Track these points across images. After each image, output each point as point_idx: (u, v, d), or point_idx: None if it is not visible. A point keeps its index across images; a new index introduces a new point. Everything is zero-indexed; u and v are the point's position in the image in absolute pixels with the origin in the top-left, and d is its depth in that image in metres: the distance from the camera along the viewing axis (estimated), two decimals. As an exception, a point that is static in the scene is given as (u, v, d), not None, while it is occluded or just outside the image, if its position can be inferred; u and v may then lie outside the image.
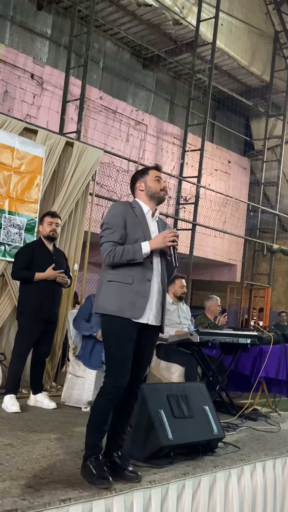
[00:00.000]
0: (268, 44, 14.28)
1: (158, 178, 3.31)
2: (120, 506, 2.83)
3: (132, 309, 3.05)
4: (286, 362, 5.58)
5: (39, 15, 10.85)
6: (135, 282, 3.08)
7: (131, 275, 3.08)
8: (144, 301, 3.08)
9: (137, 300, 3.06)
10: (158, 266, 3.21)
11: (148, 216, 3.27)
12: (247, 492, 3.61)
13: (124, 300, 3.05)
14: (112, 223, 3.14)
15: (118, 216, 3.16)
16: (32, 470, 3.07)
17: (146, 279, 3.11)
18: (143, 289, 3.09)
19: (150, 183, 3.29)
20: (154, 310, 3.16)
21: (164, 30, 12.05)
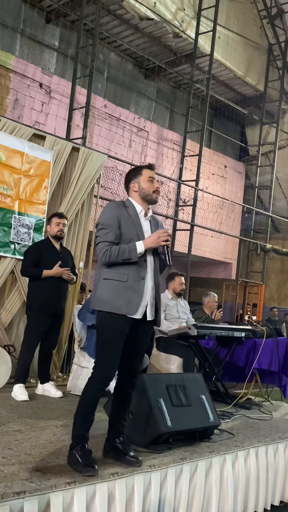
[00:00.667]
0: (263, 56, 14.27)
1: (151, 178, 3.22)
2: (122, 489, 2.84)
3: (127, 305, 3.01)
4: (278, 354, 5.58)
5: (48, 28, 10.84)
6: (130, 280, 3.04)
7: (126, 273, 3.04)
8: (138, 298, 3.04)
9: (132, 297, 3.02)
10: (151, 264, 3.15)
11: (141, 215, 3.19)
12: (241, 476, 3.61)
13: (120, 297, 3.01)
14: (107, 223, 3.09)
15: (112, 217, 3.10)
16: (40, 454, 3.07)
17: (141, 277, 3.07)
18: (138, 286, 3.05)
19: (143, 184, 3.20)
20: (149, 305, 3.11)
21: (164, 42, 12.05)
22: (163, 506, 3.05)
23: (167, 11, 11.36)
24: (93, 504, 2.71)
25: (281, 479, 4.02)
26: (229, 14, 13.00)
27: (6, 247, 5.61)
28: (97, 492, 2.72)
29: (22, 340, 5.04)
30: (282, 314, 13.46)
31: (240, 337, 5.34)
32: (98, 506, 2.71)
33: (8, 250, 5.62)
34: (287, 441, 4.13)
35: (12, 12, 10.16)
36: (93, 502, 2.71)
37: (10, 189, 5.66)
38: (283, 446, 4.08)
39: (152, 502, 2.98)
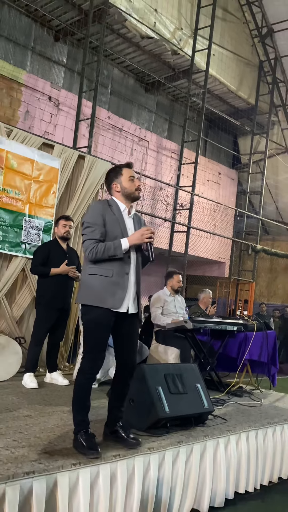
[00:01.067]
0: (254, 72, 14.27)
1: (132, 177, 3.12)
2: (123, 470, 2.83)
3: (112, 299, 2.94)
4: (267, 346, 5.58)
5: (56, 46, 10.85)
6: (115, 275, 2.97)
7: (111, 269, 2.97)
8: (123, 292, 2.98)
9: (117, 292, 2.96)
10: (134, 260, 3.08)
11: (124, 213, 3.11)
12: (233, 458, 3.61)
13: (105, 292, 2.94)
14: (93, 222, 3.00)
15: (97, 215, 3.01)
16: (48, 438, 3.07)
17: (125, 272, 3.01)
18: (122, 281, 2.99)
19: (125, 184, 3.11)
20: (131, 299, 3.06)
21: (163, 59, 12.05)
22: (161, 485, 3.05)
23: (166, 30, 11.36)
24: (97, 483, 2.70)
25: (270, 461, 4.02)
26: (223, 34, 12.99)
27: (18, 247, 5.61)
28: (100, 473, 2.72)
29: (31, 333, 5.04)
30: (270, 309, 13.48)
31: (233, 331, 5.34)
32: (102, 486, 2.70)
33: (19, 249, 5.62)
34: (275, 426, 4.13)
35: (23, 31, 10.17)
36: (97, 481, 2.71)
37: (21, 194, 5.66)
38: (271, 430, 4.08)
39: (151, 482, 2.98)
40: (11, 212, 5.56)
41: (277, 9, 13.41)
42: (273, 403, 5.07)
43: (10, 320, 5.55)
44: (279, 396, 5.49)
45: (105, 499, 2.69)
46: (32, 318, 5.60)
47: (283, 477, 4.18)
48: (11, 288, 5.59)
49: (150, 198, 11.40)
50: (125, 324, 3.07)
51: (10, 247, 5.54)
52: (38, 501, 2.40)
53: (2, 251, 5.48)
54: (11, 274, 5.53)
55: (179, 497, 3.17)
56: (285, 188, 15.55)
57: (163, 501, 3.05)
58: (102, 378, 4.95)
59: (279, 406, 4.89)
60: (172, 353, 5.36)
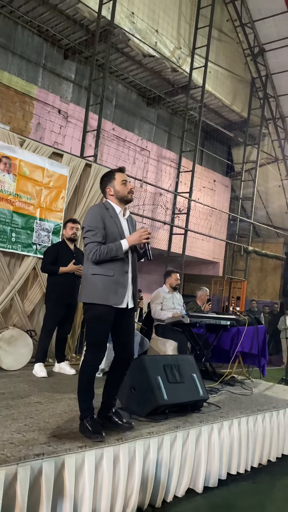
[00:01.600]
0: (246, 88, 14.26)
1: (124, 181, 3.08)
2: (125, 452, 2.83)
3: (114, 297, 2.93)
4: (258, 339, 5.58)
5: (65, 63, 10.85)
6: (116, 274, 2.95)
7: (112, 269, 2.94)
8: (124, 290, 2.97)
9: (118, 289, 2.94)
10: (131, 259, 3.05)
11: (120, 215, 3.08)
12: (226, 442, 3.61)
13: (108, 290, 2.92)
14: (94, 225, 2.96)
15: (97, 219, 2.97)
16: (56, 423, 3.07)
17: (124, 271, 2.99)
18: (123, 279, 2.97)
19: (118, 188, 3.07)
20: (130, 295, 3.04)
21: (164, 76, 12.05)
22: (160, 467, 3.05)
23: (166, 50, 11.36)
24: (101, 465, 2.70)
25: (260, 445, 4.02)
26: (218, 53, 12.99)
27: (29, 247, 5.61)
28: (104, 455, 2.72)
29: (41, 326, 5.04)
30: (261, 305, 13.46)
31: (226, 325, 5.34)
32: (105, 467, 2.70)
33: (31, 250, 5.62)
34: (265, 413, 4.13)
35: (35, 49, 10.17)
36: (101, 463, 2.71)
37: (33, 199, 5.66)
38: (261, 417, 4.08)
39: (151, 464, 2.98)
40: (23, 215, 5.56)
41: (268, 30, 13.42)
42: (262, 391, 5.07)
43: (22, 314, 5.54)
44: (268, 385, 5.49)
45: (109, 479, 2.69)
46: (42, 312, 5.60)
47: (272, 460, 4.19)
48: (23, 285, 5.59)
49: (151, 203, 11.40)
50: (124, 319, 3.06)
51: (22, 248, 5.54)
52: (47, 481, 2.40)
53: (15, 251, 5.48)
54: (23, 272, 5.53)
55: (176, 477, 3.17)
56: (274, 194, 15.55)
57: (162, 481, 3.05)
58: (106, 368, 4.94)
59: (268, 395, 4.89)
60: (171, 345, 5.36)
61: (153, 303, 5.63)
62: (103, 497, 2.67)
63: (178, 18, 11.74)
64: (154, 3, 10.99)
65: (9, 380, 4.34)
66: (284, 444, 4.39)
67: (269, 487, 3.74)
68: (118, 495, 2.75)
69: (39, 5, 9.49)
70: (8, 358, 4.84)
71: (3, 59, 9.55)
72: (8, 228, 5.40)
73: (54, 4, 9.53)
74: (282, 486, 3.77)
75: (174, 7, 11.59)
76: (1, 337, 4.84)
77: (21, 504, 2.26)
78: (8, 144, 5.40)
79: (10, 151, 5.40)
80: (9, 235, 5.40)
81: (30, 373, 4.71)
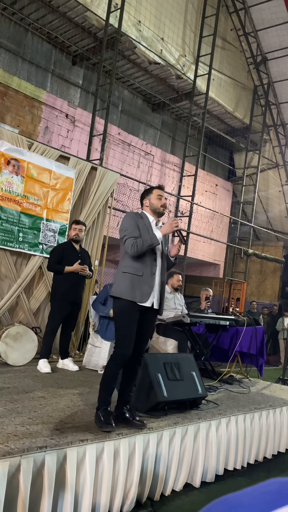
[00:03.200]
0: (249, 95, 14.26)
1: (160, 196, 3.28)
2: (125, 447, 2.84)
3: (141, 295, 3.06)
4: (256, 340, 5.58)
5: (73, 69, 10.87)
6: (144, 274, 3.09)
7: (141, 269, 3.09)
8: (150, 290, 3.09)
9: (145, 289, 3.07)
10: (160, 264, 3.21)
11: (153, 224, 3.25)
12: (223, 438, 3.62)
13: (135, 288, 3.06)
14: (129, 225, 3.14)
15: (132, 222, 3.16)
16: (59, 417, 3.08)
17: (152, 273, 3.13)
18: (150, 280, 3.10)
19: (153, 201, 3.27)
20: (156, 296, 3.17)
21: (168, 82, 12.06)
22: (159, 461, 3.06)
23: (171, 57, 11.37)
24: (102, 458, 2.72)
25: (256, 442, 4.02)
26: (222, 61, 13.00)
27: (36, 247, 5.63)
28: (105, 449, 2.73)
29: (46, 323, 5.06)
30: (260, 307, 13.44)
31: (225, 325, 5.34)
32: (106, 460, 2.72)
33: (37, 249, 5.64)
34: (261, 411, 4.13)
35: (44, 55, 10.21)
36: (102, 456, 2.72)
37: (40, 200, 5.68)
38: (258, 415, 4.08)
39: (150, 458, 2.99)
40: (31, 216, 5.58)
41: (270, 40, 13.43)
42: (260, 390, 5.07)
43: (27, 311, 5.57)
44: (266, 385, 5.49)
45: (109, 472, 2.70)
46: (47, 310, 5.62)
47: (268, 457, 4.19)
48: (29, 283, 5.61)
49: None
50: (147, 317, 3.17)
51: (29, 247, 5.57)
52: (50, 473, 2.41)
53: (22, 250, 5.50)
54: (29, 271, 5.55)
55: (174, 472, 3.18)
56: (275, 199, 15.53)
57: (160, 476, 3.06)
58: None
59: (266, 394, 4.89)
60: (171, 344, 5.37)
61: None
62: (103, 490, 2.68)
63: (183, 27, 11.75)
64: (161, 12, 11.01)
65: (14, 375, 4.36)
66: (280, 442, 4.39)
67: (264, 483, 3.73)
68: (117, 488, 2.77)
69: (49, 12, 9.52)
70: (14, 353, 4.86)
71: (13, 65, 9.58)
72: (16, 228, 5.42)
73: (64, 12, 9.56)
74: (277, 483, 3.77)
75: (179, 16, 11.61)
76: (7, 333, 4.86)
77: (24, 494, 2.27)
78: (17, 147, 5.42)
79: (18, 154, 5.42)
80: (16, 235, 5.43)
81: (35, 368, 4.73)
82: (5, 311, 5.35)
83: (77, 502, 2.55)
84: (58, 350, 5.21)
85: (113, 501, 2.75)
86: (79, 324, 6.04)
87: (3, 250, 5.33)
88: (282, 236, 15.34)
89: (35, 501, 2.36)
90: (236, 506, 0.42)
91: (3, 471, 2.22)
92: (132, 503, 2.84)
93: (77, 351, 6.14)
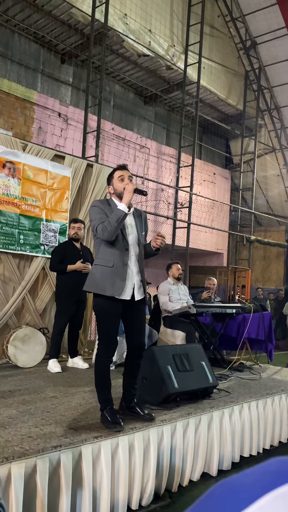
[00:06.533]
0: (241, 81, 14.17)
1: (122, 177, 3.04)
2: (140, 440, 2.85)
3: (112, 288, 2.91)
4: (264, 325, 5.57)
5: (63, 67, 10.82)
6: (115, 265, 2.93)
7: (111, 260, 2.94)
8: (122, 282, 2.93)
9: (116, 281, 2.92)
10: (136, 252, 3.04)
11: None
12: (237, 426, 3.62)
13: (105, 281, 2.92)
14: (97, 213, 2.98)
15: (98, 209, 2.99)
16: (72, 415, 3.09)
17: (123, 263, 2.96)
18: (122, 272, 2.95)
19: (115, 185, 3.05)
20: (136, 288, 3.01)
21: (159, 74, 12.00)
22: (174, 453, 3.06)
23: (160, 48, 11.30)
24: (117, 453, 2.72)
25: (270, 427, 4.02)
26: (211, 48, 12.90)
27: (37, 248, 5.63)
28: (119, 444, 2.74)
29: (53, 323, 5.07)
30: (266, 293, 13.44)
31: (232, 313, 5.33)
32: (121, 455, 2.72)
33: (39, 250, 5.64)
34: (274, 396, 4.13)
35: (33, 55, 10.16)
36: (117, 452, 2.72)
37: (38, 201, 5.67)
38: (270, 400, 4.08)
39: (165, 450, 2.99)
40: (30, 217, 5.58)
41: (258, 23, 13.32)
42: (271, 376, 5.07)
43: (34, 313, 5.58)
44: (276, 370, 5.49)
45: (125, 467, 2.71)
46: (53, 310, 5.63)
47: (283, 441, 4.19)
48: (33, 285, 5.61)
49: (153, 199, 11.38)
50: (133, 310, 3.06)
51: (30, 249, 5.57)
52: (66, 471, 2.42)
53: (24, 252, 5.50)
54: (32, 272, 5.56)
55: (190, 462, 3.18)
56: (274, 184, 15.48)
57: (177, 467, 3.06)
58: (118, 361, 4.97)
59: (277, 378, 4.89)
60: (179, 336, 5.37)
61: (161, 295, 5.64)
62: (121, 485, 2.69)
63: (170, 17, 11.67)
64: (146, 3, 10.92)
65: (24, 377, 4.37)
66: (294, 426, 4.39)
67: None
68: (135, 482, 2.77)
69: (34, 12, 9.46)
70: (23, 356, 4.87)
71: (2, 67, 9.54)
72: (16, 230, 5.42)
73: (49, 10, 9.50)
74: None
75: (165, 6, 11.52)
76: (15, 336, 4.87)
77: (42, 495, 2.28)
78: (11, 149, 5.41)
79: (13, 156, 5.41)
80: (17, 238, 5.43)
81: (45, 369, 4.75)
82: (12, 314, 5.36)
83: (95, 498, 2.56)
84: (67, 349, 5.22)
85: (131, 495, 2.76)
86: (86, 322, 6.05)
87: (5, 254, 5.33)
88: (284, 221, 15.29)
89: (54, 501, 2.37)
90: (237, 487, 0.43)
91: (20, 473, 2.23)
92: (150, 496, 2.85)
93: (86, 349, 6.15)
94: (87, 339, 6.24)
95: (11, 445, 2.40)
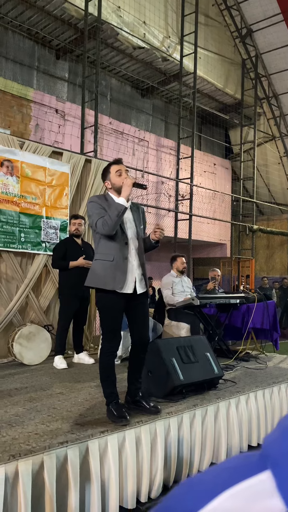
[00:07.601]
0: (238, 70, 14.07)
1: (119, 172, 3.04)
2: (147, 433, 2.85)
3: (113, 282, 2.91)
4: (269, 314, 5.56)
5: (58, 63, 10.78)
6: (115, 259, 2.93)
7: (112, 254, 2.93)
8: (123, 276, 2.93)
9: (117, 275, 2.92)
10: (135, 246, 3.04)
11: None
12: (244, 416, 3.62)
13: (107, 275, 2.92)
14: (95, 208, 2.96)
15: (96, 205, 2.97)
16: (78, 411, 3.09)
17: (124, 257, 2.95)
18: (122, 265, 2.94)
19: (113, 180, 3.04)
20: (137, 281, 3.01)
21: (155, 66, 11.92)
22: (181, 445, 3.07)
23: (155, 40, 11.22)
24: (124, 447, 2.73)
25: (278, 415, 4.02)
26: (207, 37, 12.80)
27: (39, 246, 5.63)
28: (126, 438, 2.74)
29: (58, 320, 5.07)
30: (270, 282, 13.41)
31: (236, 303, 5.32)
32: (128, 449, 2.72)
33: (41, 248, 5.64)
34: (280, 384, 4.13)
35: (27, 52, 10.11)
36: (124, 445, 2.73)
37: (38, 198, 5.66)
38: (277, 389, 4.08)
39: (173, 442, 3.00)
40: (30, 215, 5.57)
41: (253, 11, 13.19)
42: (277, 364, 5.07)
43: (38, 310, 5.58)
44: (282, 358, 5.48)
45: (133, 460, 2.71)
46: (57, 307, 5.63)
47: (291, 429, 4.18)
48: (36, 282, 5.62)
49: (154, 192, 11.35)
50: (135, 304, 3.06)
51: (32, 247, 5.56)
52: (73, 467, 2.42)
53: (25, 250, 5.50)
54: (35, 270, 5.56)
55: (198, 453, 3.19)
56: (275, 172, 15.40)
57: (185, 458, 3.07)
58: (124, 355, 4.98)
59: (283, 367, 4.88)
60: (183, 328, 5.36)
61: (165, 288, 5.63)
62: (129, 478, 2.70)
63: (164, 8, 11.57)
64: (139, -6, 10.84)
65: (31, 374, 4.39)
66: (301, 413, 4.39)
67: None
68: (143, 475, 2.78)
69: (27, 8, 9.41)
70: (29, 353, 4.88)
71: (-3, 65, 9.51)
72: (17, 229, 5.42)
73: (41, 6, 9.44)
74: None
75: (159, -3, 11.43)
76: (20, 334, 4.88)
77: (50, 491, 2.29)
78: (8, 148, 5.39)
79: (11, 154, 5.39)
80: (18, 236, 5.42)
81: (51, 366, 4.76)
82: (16, 312, 5.37)
83: (104, 493, 2.57)
84: (72, 345, 5.23)
85: (140, 488, 2.76)
86: (90, 317, 6.05)
87: (6, 252, 5.33)
88: (286, 209, 15.22)
89: (62, 496, 2.37)
90: (197, 484, 0.43)
91: (27, 470, 2.23)
92: (159, 488, 2.85)
93: (91, 344, 6.16)
94: (92, 335, 6.25)
95: (17, 443, 2.41)
